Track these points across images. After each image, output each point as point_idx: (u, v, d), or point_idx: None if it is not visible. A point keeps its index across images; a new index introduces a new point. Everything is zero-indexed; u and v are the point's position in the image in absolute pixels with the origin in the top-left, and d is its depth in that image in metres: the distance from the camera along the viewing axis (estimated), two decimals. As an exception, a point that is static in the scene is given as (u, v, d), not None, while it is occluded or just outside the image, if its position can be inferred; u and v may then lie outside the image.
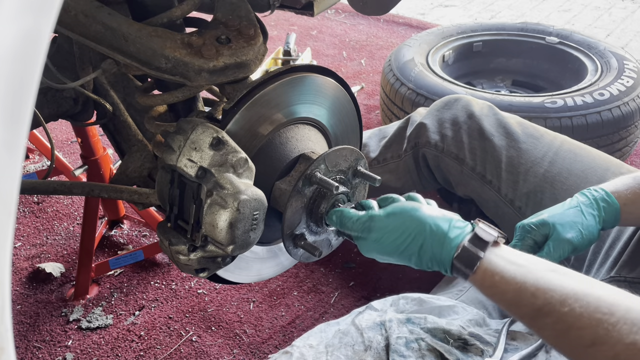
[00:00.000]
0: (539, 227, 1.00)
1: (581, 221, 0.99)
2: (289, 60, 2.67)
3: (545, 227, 1.00)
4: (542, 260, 0.76)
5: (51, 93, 1.12)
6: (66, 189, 0.99)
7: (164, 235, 0.80)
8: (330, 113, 0.93)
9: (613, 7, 3.69)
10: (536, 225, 1.01)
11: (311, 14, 1.02)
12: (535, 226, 1.01)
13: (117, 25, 0.76)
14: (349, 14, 3.58)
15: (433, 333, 1.02)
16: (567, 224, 0.99)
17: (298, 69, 0.86)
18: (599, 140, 1.82)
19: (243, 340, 1.50)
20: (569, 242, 0.97)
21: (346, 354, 0.99)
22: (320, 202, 0.84)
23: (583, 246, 0.99)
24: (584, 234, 0.98)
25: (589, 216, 1.00)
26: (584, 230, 0.99)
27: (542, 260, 0.76)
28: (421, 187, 1.61)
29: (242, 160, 0.76)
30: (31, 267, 1.73)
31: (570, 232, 0.98)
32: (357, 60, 3.04)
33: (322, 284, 1.66)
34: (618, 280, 1.09)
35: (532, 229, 1.01)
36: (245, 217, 0.75)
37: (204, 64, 0.76)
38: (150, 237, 1.85)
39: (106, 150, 1.64)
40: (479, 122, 1.40)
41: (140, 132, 1.14)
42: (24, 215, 1.95)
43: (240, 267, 0.94)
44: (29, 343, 1.51)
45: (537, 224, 1.01)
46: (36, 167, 2.17)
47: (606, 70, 2.03)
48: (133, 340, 1.51)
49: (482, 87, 2.34)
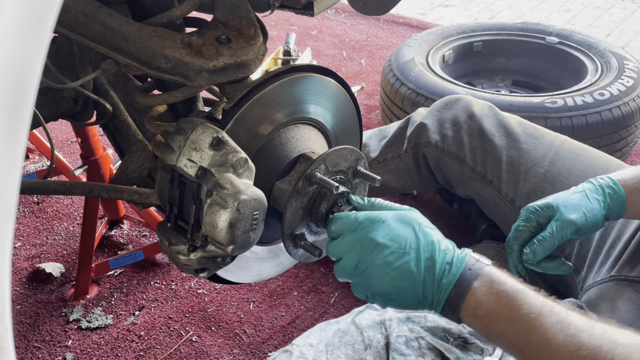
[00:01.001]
0: (544, 210, 1.01)
1: (585, 204, 1.00)
2: (289, 60, 2.67)
3: (550, 209, 1.00)
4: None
5: (51, 93, 1.12)
6: (66, 189, 0.99)
7: (164, 235, 0.80)
8: (330, 113, 0.93)
9: (613, 7, 3.69)
10: (540, 207, 1.01)
11: (311, 14, 1.01)
12: (539, 208, 1.01)
13: (117, 25, 0.76)
14: (349, 14, 3.58)
15: (433, 331, 1.02)
16: (572, 206, 0.99)
17: (298, 68, 0.86)
18: (599, 140, 1.82)
19: (243, 340, 1.50)
20: (573, 222, 0.98)
21: (346, 352, 0.99)
22: (320, 202, 0.84)
23: (587, 229, 0.99)
24: (588, 217, 0.99)
25: (593, 200, 1.00)
26: (588, 213, 0.99)
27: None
28: (421, 187, 1.61)
29: (242, 160, 0.76)
30: (31, 267, 1.73)
31: (574, 213, 0.98)
32: (357, 60, 3.04)
33: (322, 284, 1.66)
34: (619, 279, 1.09)
35: (536, 210, 1.01)
36: (245, 217, 0.75)
37: (204, 64, 0.76)
38: (150, 237, 1.85)
39: (106, 150, 1.64)
40: (479, 122, 1.40)
41: (140, 132, 1.14)
42: (24, 215, 1.95)
43: (240, 267, 0.93)
44: (29, 343, 1.51)
45: (542, 206, 1.01)
46: (36, 167, 2.17)
47: (606, 70, 2.03)
48: (133, 340, 1.51)
49: (482, 87, 2.34)
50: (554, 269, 1.01)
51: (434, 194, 1.93)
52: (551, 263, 1.00)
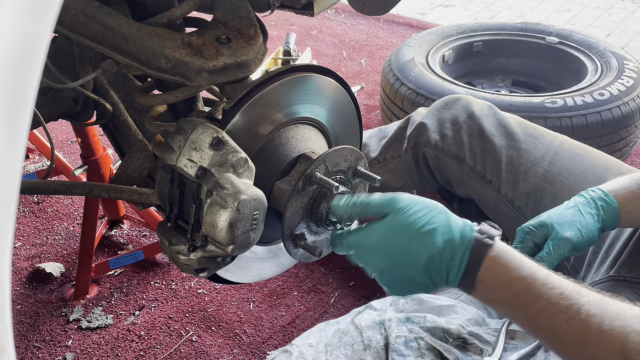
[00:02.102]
0: (538, 229, 1.00)
1: (579, 220, 0.99)
2: (289, 60, 2.67)
3: (544, 228, 1.00)
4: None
5: (51, 93, 1.12)
6: (66, 189, 1.00)
7: (164, 235, 0.80)
8: (330, 113, 0.93)
9: (613, 7, 3.69)
10: (535, 226, 1.01)
11: (311, 14, 1.01)
12: (534, 228, 1.01)
13: (117, 25, 0.76)
14: (349, 14, 3.58)
15: (432, 332, 1.02)
16: (566, 223, 0.99)
17: (298, 69, 0.86)
18: (599, 140, 1.82)
19: (243, 340, 1.50)
20: (568, 240, 0.97)
21: (345, 353, 0.99)
22: (320, 202, 0.84)
23: (583, 245, 0.99)
24: (583, 232, 0.98)
25: (587, 215, 1.00)
26: (583, 228, 0.99)
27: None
28: (421, 187, 1.61)
29: (242, 160, 0.76)
30: (31, 267, 1.73)
31: (569, 230, 0.98)
32: (357, 60, 3.04)
33: (322, 284, 1.66)
34: (617, 279, 1.09)
35: (531, 230, 1.01)
36: (245, 217, 0.75)
37: (204, 64, 0.76)
38: (150, 237, 1.85)
39: (106, 150, 1.64)
40: (479, 122, 1.40)
41: (140, 132, 1.14)
42: (24, 215, 1.95)
43: (240, 267, 0.94)
44: (29, 343, 1.51)
45: (536, 226, 1.01)
46: (36, 167, 2.17)
47: (606, 70, 2.03)
48: (133, 340, 1.51)
49: (482, 87, 2.34)
50: None
51: (433, 194, 1.93)
52: None
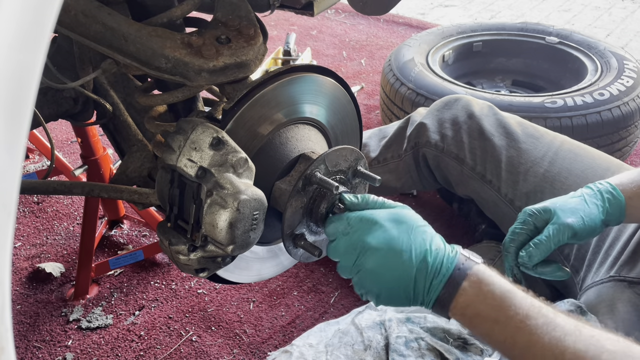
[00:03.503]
0: (541, 213, 1.01)
1: (583, 208, 0.99)
2: (289, 60, 2.67)
3: (547, 212, 1.00)
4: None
5: (51, 93, 1.12)
6: (66, 189, 1.00)
7: (164, 235, 0.80)
8: (330, 113, 0.93)
9: (613, 7, 3.69)
10: (538, 210, 1.01)
11: (311, 14, 1.01)
12: (537, 211, 1.01)
13: (117, 25, 0.76)
14: (349, 14, 3.58)
15: (433, 332, 1.02)
16: (569, 209, 0.99)
17: (298, 68, 0.86)
18: (599, 140, 1.82)
19: (243, 340, 1.50)
20: (570, 226, 0.97)
21: (346, 353, 0.99)
22: (320, 202, 0.84)
23: (584, 233, 0.98)
24: (586, 221, 0.98)
25: (592, 205, 0.99)
26: (586, 217, 0.98)
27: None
28: (421, 187, 1.61)
29: (242, 160, 0.76)
30: (31, 267, 1.73)
31: (571, 217, 0.98)
32: (357, 60, 3.04)
33: (322, 284, 1.66)
34: (618, 279, 1.09)
35: (533, 213, 1.01)
36: (245, 217, 0.75)
37: (204, 64, 0.76)
38: (150, 237, 1.85)
39: (106, 150, 1.64)
40: (479, 122, 1.40)
41: (140, 132, 1.14)
42: (24, 215, 1.95)
43: (240, 267, 0.94)
44: (29, 343, 1.51)
45: (539, 209, 1.01)
46: (36, 167, 2.17)
47: (606, 70, 2.03)
48: (133, 340, 1.51)
49: (482, 87, 2.34)
50: (550, 274, 0.99)
51: (433, 194, 1.94)
52: (547, 268, 0.99)
